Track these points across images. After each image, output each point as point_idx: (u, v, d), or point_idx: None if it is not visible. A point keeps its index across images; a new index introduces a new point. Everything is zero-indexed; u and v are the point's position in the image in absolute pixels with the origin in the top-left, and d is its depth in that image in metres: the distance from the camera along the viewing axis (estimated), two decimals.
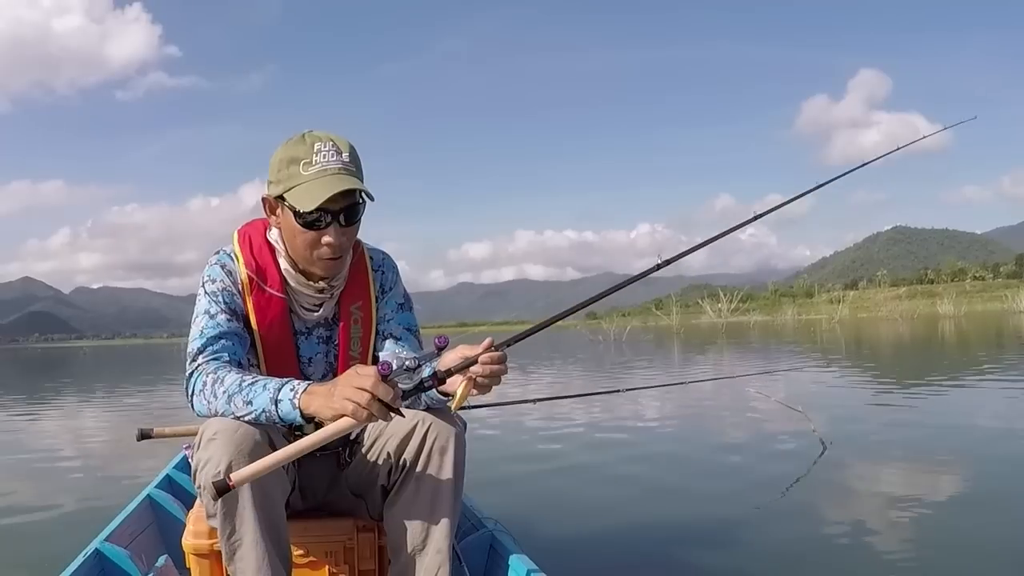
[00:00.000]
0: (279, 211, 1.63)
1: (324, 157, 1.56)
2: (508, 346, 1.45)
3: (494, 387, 1.46)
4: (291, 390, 1.42)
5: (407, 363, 1.39)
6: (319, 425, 1.51)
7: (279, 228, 1.66)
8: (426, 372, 1.48)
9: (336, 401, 1.34)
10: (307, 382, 1.44)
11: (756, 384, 7.55)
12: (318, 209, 1.54)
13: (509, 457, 5.07)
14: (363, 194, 1.60)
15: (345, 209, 1.59)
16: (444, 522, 1.59)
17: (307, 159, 1.56)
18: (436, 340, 1.43)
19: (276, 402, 1.42)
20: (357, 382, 1.33)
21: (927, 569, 2.63)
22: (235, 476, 1.33)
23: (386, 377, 1.34)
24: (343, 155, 1.58)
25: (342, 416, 1.34)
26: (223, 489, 1.32)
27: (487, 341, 1.43)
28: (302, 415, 1.41)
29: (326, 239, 1.59)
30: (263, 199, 1.65)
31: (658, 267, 1.54)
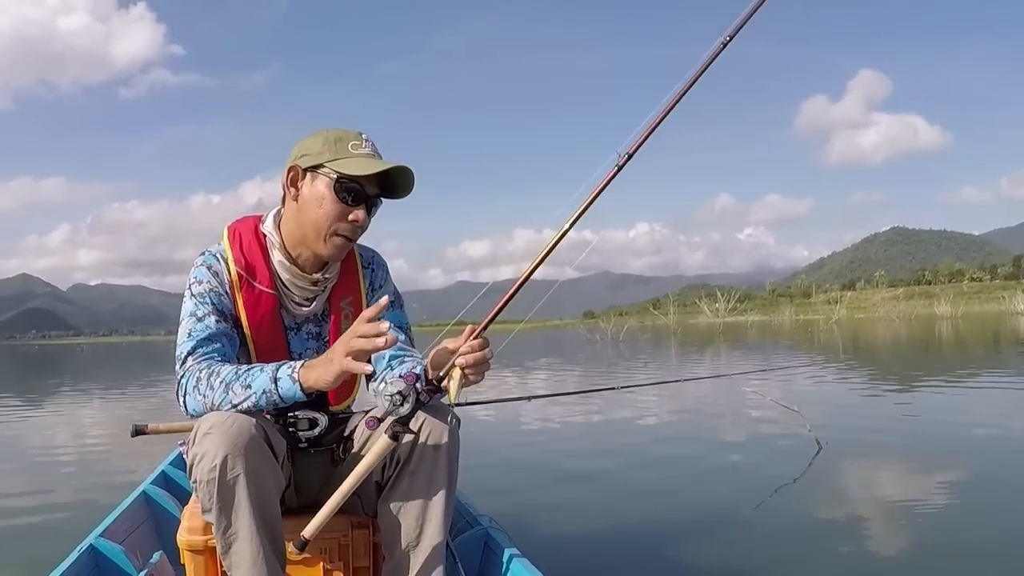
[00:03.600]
0: (304, 182, 1.64)
1: (369, 148, 1.64)
2: (485, 328, 1.48)
3: (485, 378, 1.50)
4: (289, 367, 1.47)
5: (398, 395, 1.45)
6: (321, 398, 1.60)
7: (296, 201, 1.65)
8: (417, 369, 1.54)
9: (335, 363, 1.40)
10: (303, 360, 1.49)
11: (752, 384, 7.55)
12: (359, 183, 1.59)
13: (504, 454, 5.07)
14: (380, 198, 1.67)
15: (374, 197, 1.65)
16: (438, 519, 1.60)
17: (357, 142, 1.63)
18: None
19: (275, 380, 1.46)
20: (346, 336, 1.40)
21: (922, 568, 2.64)
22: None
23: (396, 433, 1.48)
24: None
25: (344, 376, 1.41)
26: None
27: (467, 329, 1.47)
28: (302, 389, 1.45)
29: (353, 216, 1.62)
30: (290, 168, 1.65)
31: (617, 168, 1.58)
